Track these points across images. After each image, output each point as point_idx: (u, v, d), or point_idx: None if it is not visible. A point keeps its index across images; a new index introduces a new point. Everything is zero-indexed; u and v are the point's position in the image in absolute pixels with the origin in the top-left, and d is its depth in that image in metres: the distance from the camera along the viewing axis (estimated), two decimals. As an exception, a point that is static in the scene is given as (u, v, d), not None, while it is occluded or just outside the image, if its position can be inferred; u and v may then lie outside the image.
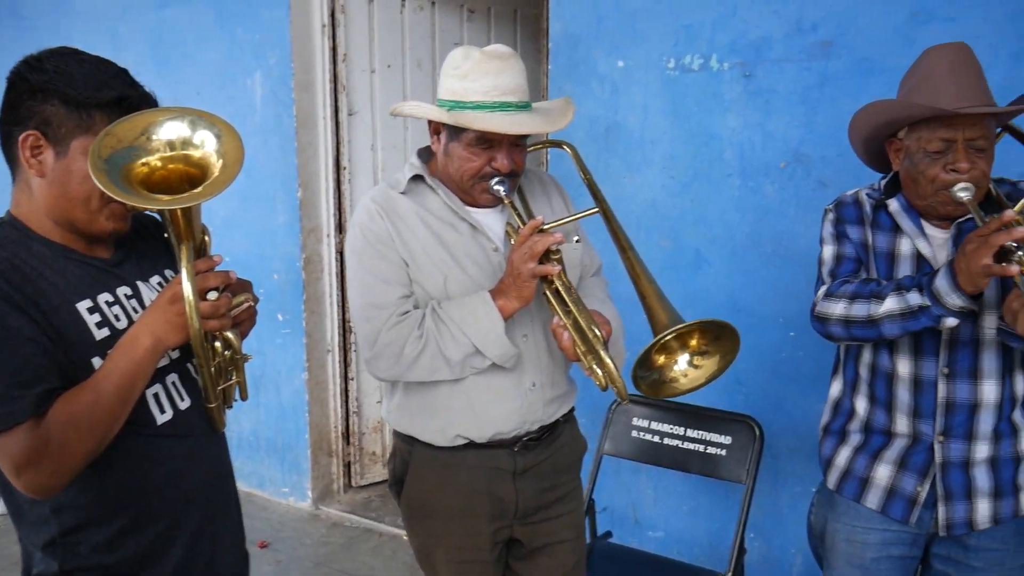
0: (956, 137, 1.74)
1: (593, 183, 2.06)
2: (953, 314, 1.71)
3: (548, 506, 2.06)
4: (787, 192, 2.74)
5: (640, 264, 1.82)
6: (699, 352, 1.78)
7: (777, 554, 3.00)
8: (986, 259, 1.60)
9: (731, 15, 2.73)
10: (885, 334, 1.81)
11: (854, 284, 1.88)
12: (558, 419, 2.07)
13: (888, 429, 1.96)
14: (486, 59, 1.80)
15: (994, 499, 1.89)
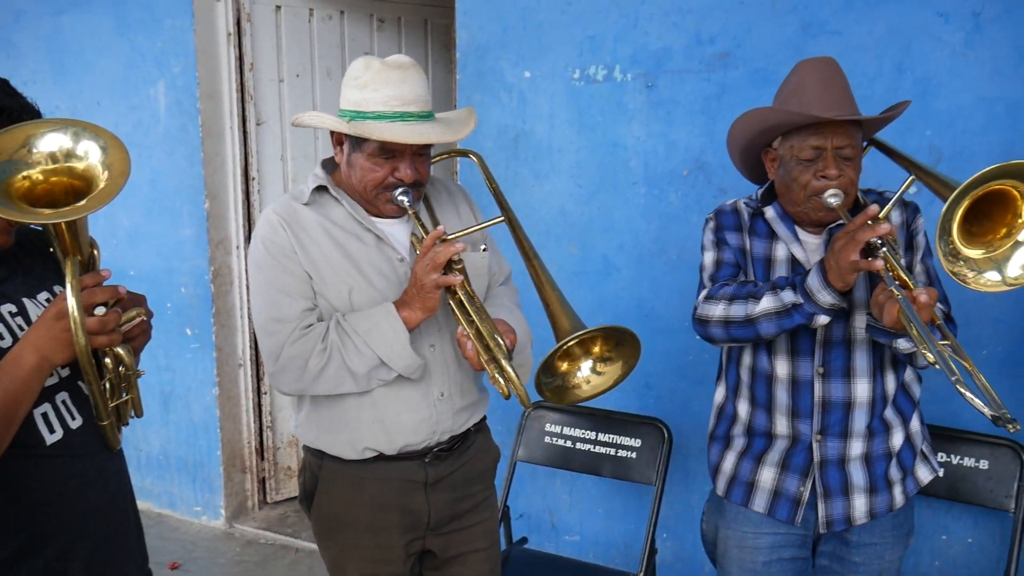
0: (826, 145, 1.82)
1: (499, 192, 2.08)
2: (825, 311, 1.78)
3: (461, 516, 2.06)
4: (690, 199, 2.81)
5: (544, 272, 1.85)
6: (602, 359, 1.80)
7: (690, 552, 3.07)
8: (853, 255, 1.67)
9: (632, 27, 2.79)
10: (762, 333, 1.87)
11: (732, 286, 1.94)
12: (469, 428, 2.07)
13: (769, 431, 2.02)
14: (386, 69, 1.80)
15: (869, 495, 1.96)
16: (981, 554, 2.70)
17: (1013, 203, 1.58)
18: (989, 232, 1.62)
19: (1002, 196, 1.58)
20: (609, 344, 1.79)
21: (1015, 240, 1.60)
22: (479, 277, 2.04)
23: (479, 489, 2.11)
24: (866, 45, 2.53)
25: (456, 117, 1.98)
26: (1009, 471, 2.48)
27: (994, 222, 1.62)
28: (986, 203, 1.57)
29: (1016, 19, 2.38)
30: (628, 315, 2.96)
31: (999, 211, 1.60)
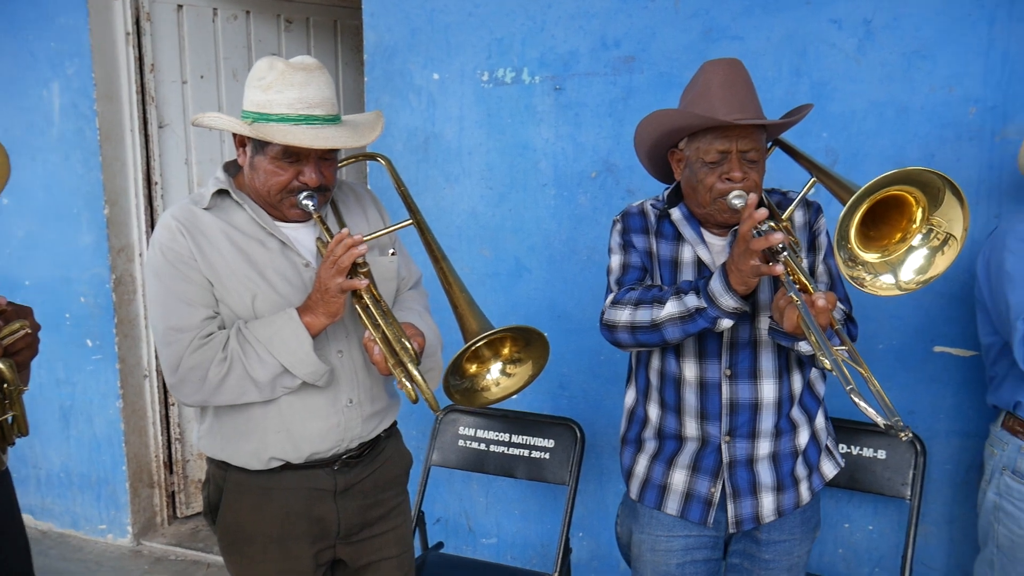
0: (731, 148, 1.85)
1: (407, 195, 2.05)
2: (728, 315, 1.80)
3: (372, 523, 2.03)
4: (599, 201, 2.84)
5: (453, 274, 1.83)
6: (511, 360, 1.79)
7: (605, 550, 3.10)
8: (753, 260, 1.70)
9: (539, 30, 2.81)
10: (667, 338, 1.88)
11: (638, 291, 1.95)
12: (379, 435, 2.04)
13: (679, 434, 2.04)
14: (291, 71, 1.76)
15: (777, 493, 2.00)
16: (881, 540, 2.81)
17: (908, 208, 1.63)
18: (885, 236, 1.67)
19: (898, 201, 1.62)
20: (518, 345, 1.78)
21: (909, 245, 1.65)
22: (387, 281, 2.01)
23: (391, 496, 2.09)
24: (765, 50, 2.60)
25: (364, 120, 1.94)
26: (905, 460, 2.58)
27: (891, 227, 1.66)
28: (883, 208, 1.62)
29: (904, 26, 2.49)
30: (540, 316, 2.97)
31: (895, 216, 1.64)
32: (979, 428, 2.54)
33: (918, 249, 1.64)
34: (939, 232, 1.62)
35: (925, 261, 1.65)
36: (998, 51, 2.42)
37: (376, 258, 1.98)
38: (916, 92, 2.50)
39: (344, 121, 1.87)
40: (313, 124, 1.76)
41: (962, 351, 2.59)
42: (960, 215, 1.60)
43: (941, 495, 2.72)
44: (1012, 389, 2.15)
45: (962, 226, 1.60)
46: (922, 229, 1.64)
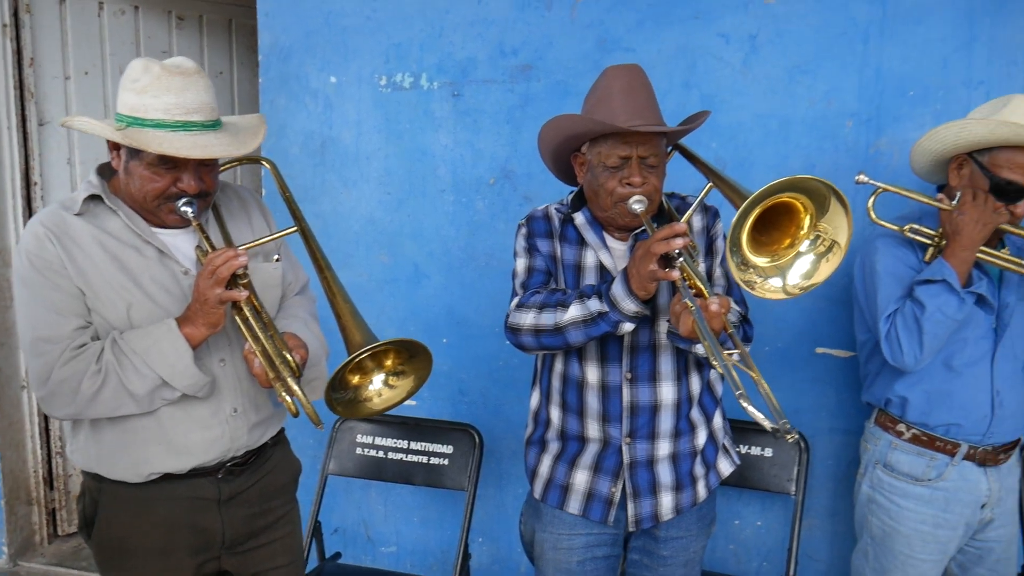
0: (631, 154, 1.89)
1: (292, 201, 2.01)
2: (629, 319, 1.84)
3: (259, 533, 1.99)
4: (497, 207, 2.86)
5: (336, 284, 1.79)
6: (394, 372, 1.77)
7: (505, 554, 3.12)
8: (652, 265, 1.74)
9: (438, 36, 2.81)
10: (570, 341, 1.91)
11: (542, 294, 1.98)
12: (266, 442, 2.00)
13: (582, 435, 2.08)
14: (167, 74, 1.69)
15: (675, 492, 2.06)
16: (769, 535, 2.92)
17: (797, 215, 1.70)
18: (775, 242, 1.73)
19: (788, 208, 1.69)
20: (402, 357, 1.75)
21: (797, 251, 1.72)
22: (271, 288, 1.97)
23: (279, 504, 2.04)
24: (656, 62, 2.67)
25: (246, 125, 1.89)
26: (790, 458, 2.69)
27: (780, 232, 1.73)
28: (773, 214, 1.68)
29: (786, 42, 2.60)
30: (439, 322, 2.97)
31: (785, 222, 1.71)
32: (858, 425, 2.66)
33: (805, 255, 1.72)
34: (825, 239, 1.70)
35: (811, 267, 1.72)
36: (871, 67, 2.56)
37: (259, 265, 1.94)
38: (797, 105, 2.62)
39: (225, 125, 1.82)
40: (191, 131, 1.70)
41: (842, 352, 2.73)
42: (845, 223, 1.68)
43: (824, 490, 2.85)
44: (883, 386, 2.27)
45: (846, 234, 1.68)
46: (810, 235, 1.71)
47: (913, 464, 2.22)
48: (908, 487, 2.23)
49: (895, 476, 2.25)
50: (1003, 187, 2.04)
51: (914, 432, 2.22)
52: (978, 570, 2.31)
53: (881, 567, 2.30)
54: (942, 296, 2.02)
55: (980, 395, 2.17)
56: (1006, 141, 2.03)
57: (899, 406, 2.23)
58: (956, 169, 2.14)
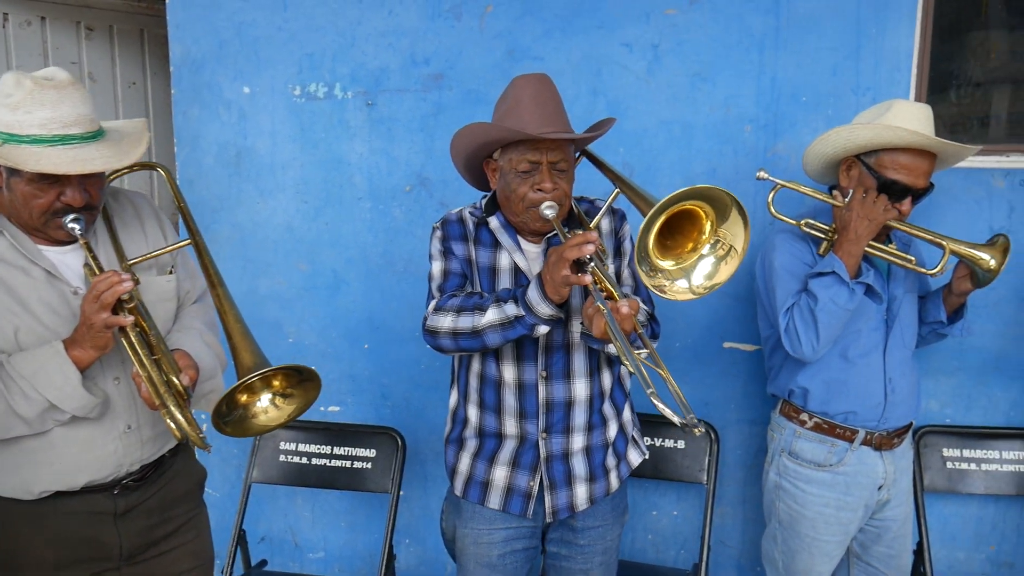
0: (541, 160, 1.95)
1: (186, 211, 1.99)
2: (544, 322, 1.91)
3: (159, 541, 1.99)
4: (414, 213, 2.91)
5: (228, 301, 1.79)
6: (282, 394, 1.77)
7: (432, 555, 3.16)
8: (564, 270, 1.80)
9: (350, 46, 2.84)
10: (488, 344, 1.97)
11: (459, 298, 2.03)
12: (164, 454, 2.00)
13: (499, 432, 2.14)
14: (40, 88, 1.65)
15: (589, 483, 2.14)
16: (685, 524, 3.03)
17: (699, 221, 1.78)
18: (679, 246, 1.81)
19: (691, 214, 1.77)
20: (291, 381, 1.75)
21: (700, 254, 1.81)
22: (166, 302, 1.95)
23: (181, 512, 2.04)
24: (564, 70, 2.75)
25: (130, 131, 1.85)
26: (702, 448, 2.81)
27: (684, 236, 1.81)
28: (677, 220, 1.76)
29: (687, 51, 2.71)
30: (360, 328, 3.00)
31: (688, 227, 1.80)
32: (764, 415, 2.79)
33: (707, 257, 1.80)
34: (724, 243, 1.79)
35: (712, 268, 1.81)
36: (767, 75, 2.69)
37: (153, 278, 1.92)
38: (699, 111, 2.73)
39: (108, 133, 1.78)
40: (70, 144, 1.66)
41: (748, 346, 2.85)
42: (742, 231, 1.76)
43: (734, 478, 2.97)
44: (787, 378, 2.39)
45: (743, 240, 1.77)
46: (710, 240, 1.79)
47: (816, 451, 2.35)
48: (812, 473, 2.35)
49: (799, 463, 2.37)
50: (889, 186, 2.18)
51: (816, 421, 2.34)
52: (877, 547, 2.45)
53: (789, 549, 2.42)
54: (833, 287, 2.14)
55: (874, 383, 2.30)
56: (889, 144, 2.17)
57: (801, 396, 2.35)
58: (846, 171, 2.28)
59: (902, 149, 2.18)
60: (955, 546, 2.95)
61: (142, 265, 1.88)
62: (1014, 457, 2.78)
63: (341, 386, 3.06)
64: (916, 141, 2.15)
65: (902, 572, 2.49)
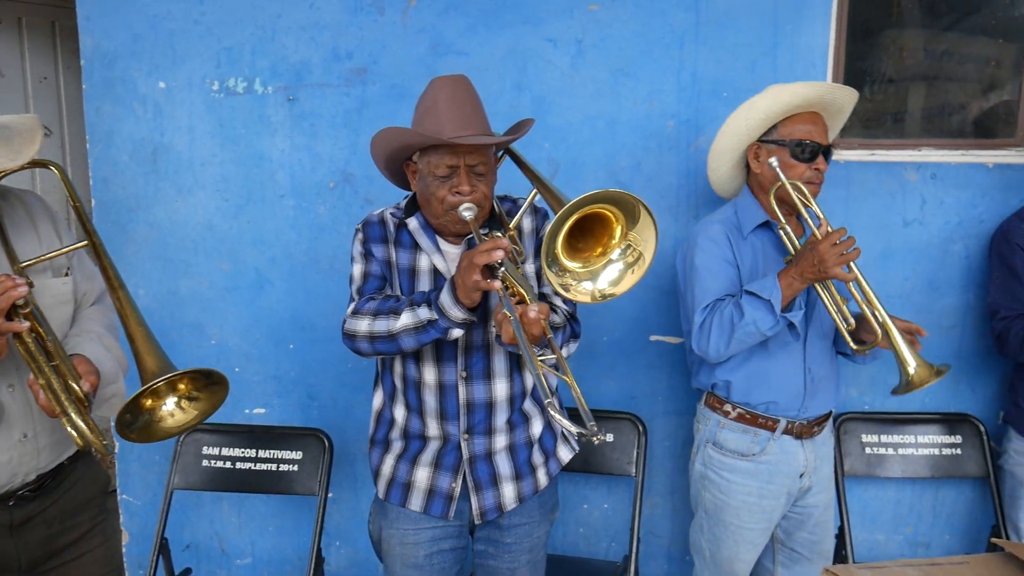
0: (459, 163, 1.94)
1: (82, 211, 1.92)
2: (457, 325, 1.90)
3: (62, 550, 1.93)
4: (338, 211, 2.86)
5: (130, 304, 1.74)
6: (188, 397, 1.74)
7: (364, 557, 3.13)
8: (475, 276, 1.80)
9: (270, 40, 2.78)
10: (403, 347, 1.96)
11: (377, 301, 2.01)
12: (63, 462, 1.93)
13: (422, 433, 2.13)
14: None
15: (516, 482, 2.14)
16: (616, 516, 3.06)
17: (610, 225, 1.79)
18: (589, 248, 1.82)
19: (601, 217, 1.77)
20: (197, 384, 1.73)
21: (608, 259, 1.81)
22: (62, 305, 1.89)
23: (85, 520, 1.98)
24: (488, 65, 2.74)
25: (21, 128, 1.76)
26: (630, 441, 2.83)
27: (596, 239, 1.81)
28: (589, 222, 1.77)
29: (611, 46, 2.73)
30: (284, 327, 2.94)
31: (599, 230, 1.80)
32: (691, 407, 2.83)
33: (616, 263, 1.81)
34: (635, 249, 1.80)
35: (619, 275, 1.81)
36: (688, 71, 2.73)
37: (48, 281, 1.85)
38: (623, 107, 2.76)
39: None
40: None
41: (673, 339, 2.89)
42: (652, 236, 1.78)
43: (663, 469, 3.01)
44: (709, 372, 2.43)
45: (652, 247, 1.78)
46: (621, 244, 1.80)
47: (739, 441, 2.39)
48: (735, 462, 2.39)
49: (724, 453, 2.41)
50: (804, 147, 2.23)
51: (739, 411, 2.38)
52: (800, 534, 2.51)
53: (715, 538, 2.46)
54: (761, 311, 2.15)
55: (794, 374, 2.35)
56: (787, 105, 2.25)
57: (724, 388, 2.39)
58: (754, 157, 2.33)
59: (795, 116, 2.26)
60: (875, 529, 3.04)
61: (36, 268, 1.80)
62: (929, 441, 2.88)
63: (266, 388, 3.00)
64: (809, 92, 2.24)
65: (824, 556, 2.56)
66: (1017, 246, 2.54)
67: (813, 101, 2.27)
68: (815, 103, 2.27)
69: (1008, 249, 2.56)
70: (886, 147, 2.83)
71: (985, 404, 2.91)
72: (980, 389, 2.91)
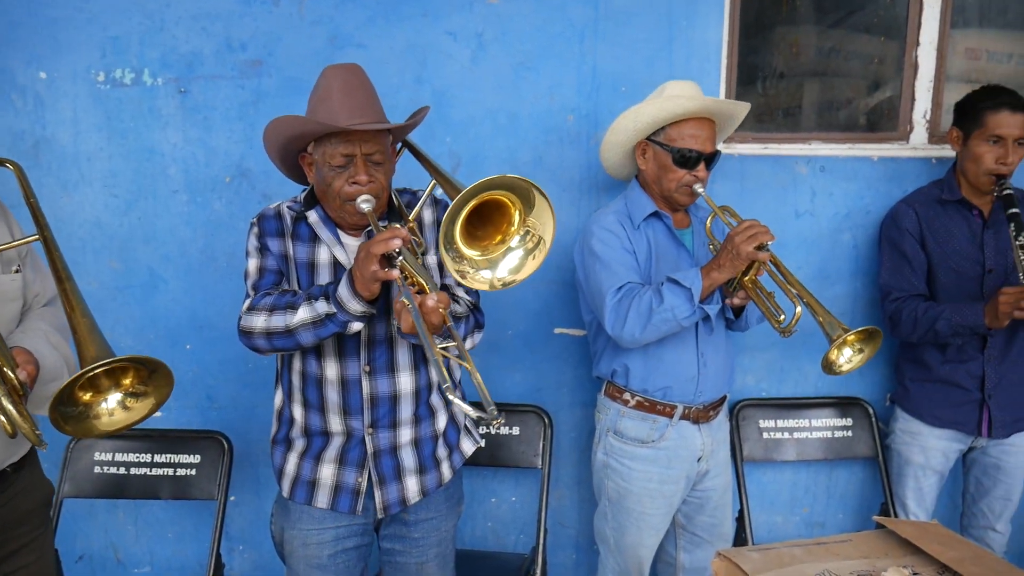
0: (355, 152, 1.91)
1: (36, 207, 1.87)
2: (357, 318, 1.87)
3: (2, 561, 1.85)
4: (235, 206, 2.79)
5: (76, 297, 1.67)
6: (133, 393, 1.68)
7: (267, 560, 3.06)
8: (373, 266, 1.77)
9: (159, 30, 2.68)
10: (302, 343, 1.92)
11: (273, 296, 1.97)
12: (6, 468, 1.85)
13: (325, 430, 2.09)
14: None
15: (420, 475, 2.12)
16: (523, 509, 3.08)
17: (508, 212, 1.78)
18: (489, 236, 1.81)
19: (499, 204, 1.77)
20: (141, 376, 1.66)
21: (508, 246, 1.81)
22: (10, 302, 1.83)
23: (25, 531, 1.90)
24: (388, 58, 2.71)
25: None
26: (536, 433, 2.85)
27: (494, 227, 1.81)
28: (487, 210, 1.76)
29: (511, 40, 2.73)
30: (181, 327, 2.85)
31: (497, 217, 1.79)
32: (595, 398, 2.87)
33: (516, 250, 1.81)
34: (534, 235, 1.80)
35: (519, 262, 1.81)
36: (588, 65, 2.76)
37: None
38: (524, 100, 2.77)
39: None
40: None
41: (577, 331, 2.92)
42: (550, 220, 1.78)
43: (570, 460, 3.04)
44: (609, 360, 2.47)
45: (551, 231, 1.79)
46: (520, 231, 1.80)
47: (638, 428, 2.43)
48: (636, 450, 2.44)
49: (624, 441, 2.45)
50: (684, 156, 2.28)
51: (638, 399, 2.43)
52: (701, 517, 2.57)
53: (619, 525, 2.50)
54: (679, 299, 2.20)
55: (687, 359, 2.40)
56: (672, 114, 2.30)
57: (623, 376, 2.43)
58: (641, 155, 2.39)
59: (685, 120, 2.30)
60: (773, 511, 3.14)
61: None
62: (822, 424, 2.99)
63: None
64: (694, 106, 2.29)
65: (725, 539, 2.63)
66: (906, 230, 2.66)
67: (701, 112, 2.32)
68: (703, 113, 2.33)
69: (897, 233, 2.68)
70: (778, 141, 2.92)
71: (874, 387, 3.04)
72: (869, 373, 3.03)
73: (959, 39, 2.98)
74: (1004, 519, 2.77)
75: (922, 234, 2.64)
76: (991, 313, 2.42)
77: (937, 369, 2.68)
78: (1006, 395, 2.63)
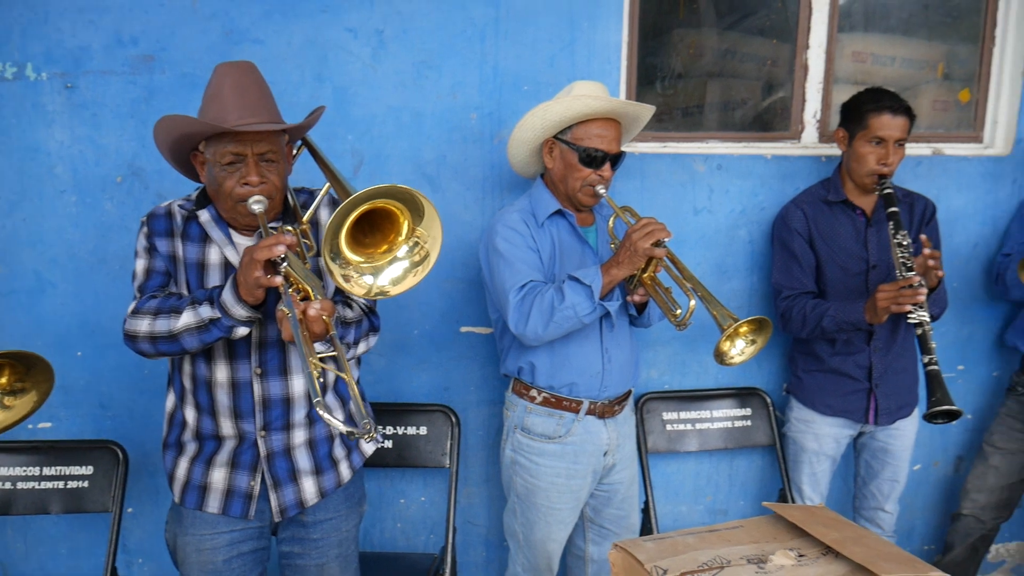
0: (246, 152, 1.87)
1: None
2: (242, 324, 1.84)
3: None
4: (127, 207, 2.68)
5: None
6: (11, 391, 1.62)
7: (168, 571, 2.95)
8: (256, 272, 1.74)
9: (43, 22, 2.56)
10: (186, 347, 1.88)
11: (158, 299, 1.92)
12: None
13: (216, 434, 2.05)
14: None
15: (317, 476, 2.10)
16: (433, 509, 3.07)
17: (396, 221, 1.77)
18: (374, 244, 1.79)
19: (389, 213, 1.75)
20: (18, 372, 1.61)
21: (394, 255, 1.80)
22: None
23: None
24: (287, 55, 2.66)
25: None
26: (443, 432, 2.85)
27: (383, 234, 1.79)
28: (378, 217, 1.74)
29: (412, 38, 2.72)
30: (71, 333, 2.73)
31: (388, 226, 1.78)
32: (502, 396, 2.88)
33: (402, 260, 1.80)
34: (422, 248, 1.78)
35: (402, 273, 1.80)
36: (490, 64, 2.76)
37: None
38: (427, 99, 2.75)
39: None
40: None
41: (483, 329, 2.93)
42: (439, 232, 1.78)
43: (479, 458, 3.05)
44: (516, 358, 2.48)
45: (438, 245, 1.78)
46: (408, 241, 1.79)
47: (545, 424, 2.46)
48: (543, 446, 2.46)
49: (531, 437, 2.47)
50: (590, 155, 2.32)
51: (544, 396, 2.45)
52: (608, 510, 2.62)
53: (527, 520, 2.52)
54: (580, 297, 2.22)
55: (592, 355, 2.44)
56: (580, 113, 2.33)
57: (530, 373, 2.45)
58: (548, 152, 2.41)
59: (591, 120, 2.34)
60: (678, 501, 3.22)
61: None
62: (723, 415, 3.08)
63: (52, 399, 2.68)
64: (601, 106, 2.32)
65: (631, 530, 2.68)
66: (795, 230, 2.76)
67: (608, 112, 2.35)
68: (610, 113, 2.36)
69: (787, 233, 2.79)
70: (677, 139, 3.00)
71: (771, 378, 3.16)
72: (766, 364, 3.14)
73: (846, 42, 3.12)
74: (892, 499, 2.92)
75: (810, 233, 2.76)
76: (871, 309, 2.54)
77: (828, 360, 2.80)
78: (890, 384, 2.77)
